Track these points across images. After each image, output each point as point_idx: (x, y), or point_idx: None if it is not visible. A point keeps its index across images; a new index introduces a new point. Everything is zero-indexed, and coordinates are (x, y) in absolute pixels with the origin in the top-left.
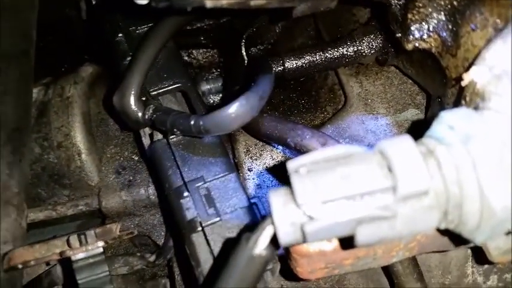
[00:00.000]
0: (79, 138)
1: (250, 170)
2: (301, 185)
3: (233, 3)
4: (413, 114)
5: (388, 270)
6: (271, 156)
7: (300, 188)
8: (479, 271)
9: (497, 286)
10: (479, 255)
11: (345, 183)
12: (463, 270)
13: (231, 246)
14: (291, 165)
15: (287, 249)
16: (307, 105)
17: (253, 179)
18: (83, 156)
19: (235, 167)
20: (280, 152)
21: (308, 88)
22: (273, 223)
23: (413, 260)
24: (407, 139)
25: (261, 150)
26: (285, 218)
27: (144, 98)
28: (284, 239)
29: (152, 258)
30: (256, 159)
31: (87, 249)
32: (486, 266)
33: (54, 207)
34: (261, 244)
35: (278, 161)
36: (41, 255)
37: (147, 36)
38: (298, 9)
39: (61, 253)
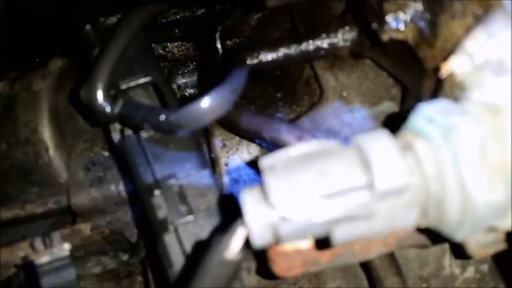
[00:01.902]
0: (47, 133)
1: (226, 164)
2: (275, 183)
3: None
4: (389, 107)
5: (366, 264)
6: (248, 150)
7: (273, 187)
8: (456, 263)
9: (474, 277)
10: (457, 249)
11: (320, 181)
12: (440, 262)
13: (203, 247)
14: (263, 162)
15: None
16: (283, 99)
17: (230, 173)
18: (51, 151)
19: (211, 162)
20: (257, 147)
21: (284, 82)
22: (245, 225)
23: (391, 253)
24: (384, 133)
25: (238, 145)
26: (258, 219)
27: (113, 92)
28: (257, 242)
29: (125, 257)
30: (232, 154)
31: (52, 252)
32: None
33: (23, 205)
34: (233, 248)
35: (255, 155)
36: (4, 260)
37: (116, 27)
38: (271, 1)
39: (24, 257)
